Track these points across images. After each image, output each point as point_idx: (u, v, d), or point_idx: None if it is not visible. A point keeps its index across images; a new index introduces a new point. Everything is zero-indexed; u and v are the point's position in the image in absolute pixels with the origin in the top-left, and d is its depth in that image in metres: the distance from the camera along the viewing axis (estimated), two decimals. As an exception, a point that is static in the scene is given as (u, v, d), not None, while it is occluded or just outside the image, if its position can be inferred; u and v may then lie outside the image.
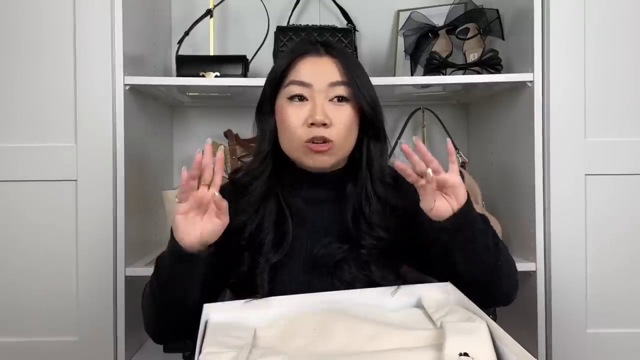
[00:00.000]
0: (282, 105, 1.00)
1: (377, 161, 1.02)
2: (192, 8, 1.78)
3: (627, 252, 1.37)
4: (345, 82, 0.98)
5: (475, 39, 1.54)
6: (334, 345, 0.77)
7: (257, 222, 1.00)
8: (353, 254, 0.99)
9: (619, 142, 1.37)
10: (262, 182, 1.01)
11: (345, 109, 0.98)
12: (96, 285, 1.36)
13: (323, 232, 1.01)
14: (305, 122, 0.96)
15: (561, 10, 1.35)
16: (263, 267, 0.97)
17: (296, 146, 0.98)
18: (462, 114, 1.89)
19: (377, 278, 0.97)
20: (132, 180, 1.42)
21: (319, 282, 0.98)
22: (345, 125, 0.98)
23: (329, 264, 0.98)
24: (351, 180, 1.03)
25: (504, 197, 1.57)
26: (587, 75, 1.36)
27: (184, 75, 1.48)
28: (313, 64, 0.99)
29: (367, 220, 0.99)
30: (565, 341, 1.36)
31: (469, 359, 0.71)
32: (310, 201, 1.04)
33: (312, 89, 0.97)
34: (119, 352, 1.37)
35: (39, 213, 1.36)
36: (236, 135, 1.63)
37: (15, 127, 1.36)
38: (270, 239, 0.99)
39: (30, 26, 1.36)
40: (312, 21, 1.77)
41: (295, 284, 0.98)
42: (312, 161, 0.98)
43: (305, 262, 1.00)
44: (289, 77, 0.99)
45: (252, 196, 1.01)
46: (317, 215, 1.03)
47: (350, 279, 0.97)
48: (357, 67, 1.03)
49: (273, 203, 1.01)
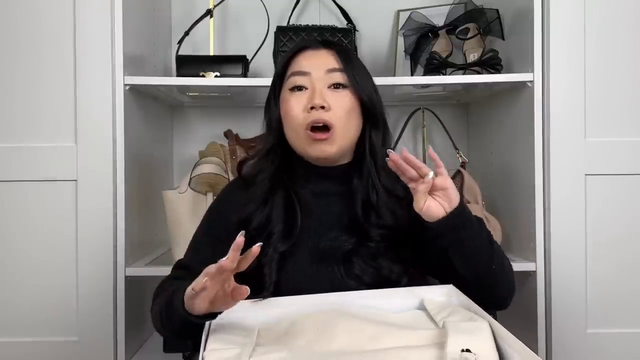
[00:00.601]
0: (284, 97, 1.04)
1: (379, 150, 1.04)
2: (192, 8, 1.78)
3: (627, 252, 1.37)
4: (342, 69, 1.01)
5: (475, 39, 1.54)
6: (336, 345, 0.78)
7: (266, 213, 1.01)
8: (361, 247, 0.99)
9: (619, 142, 1.37)
10: (269, 174, 1.04)
11: (343, 94, 1.01)
12: (96, 285, 1.36)
13: (331, 225, 1.02)
14: (305, 108, 0.99)
15: (561, 10, 1.35)
16: (272, 256, 0.98)
17: (299, 134, 1.00)
18: (462, 114, 1.89)
19: (385, 271, 0.98)
20: (132, 180, 1.42)
21: (326, 274, 0.99)
22: (344, 109, 1.00)
23: (337, 256, 0.99)
24: (357, 174, 1.04)
25: (504, 197, 1.57)
26: (587, 75, 1.36)
27: (184, 75, 1.48)
28: (311, 55, 1.04)
29: (375, 212, 1.01)
30: (565, 341, 1.35)
31: (471, 354, 0.71)
32: (318, 194, 1.05)
33: (311, 77, 1.01)
34: (119, 352, 1.37)
35: (39, 213, 1.36)
36: (236, 135, 1.63)
37: (15, 127, 1.36)
38: (279, 229, 1.00)
39: (30, 26, 1.36)
40: (312, 21, 1.77)
41: (302, 275, 0.99)
42: (314, 150, 1.00)
43: (312, 254, 1.00)
44: (290, 69, 1.04)
45: (260, 187, 1.03)
46: (325, 208, 1.04)
47: (359, 272, 0.98)
48: (355, 60, 1.06)
49: (281, 194, 1.03)
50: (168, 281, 1.04)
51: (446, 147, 1.76)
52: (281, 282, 0.96)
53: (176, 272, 1.06)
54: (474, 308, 0.85)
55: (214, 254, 1.03)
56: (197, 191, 1.42)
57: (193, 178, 1.43)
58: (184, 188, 1.42)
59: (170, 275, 1.07)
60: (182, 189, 1.42)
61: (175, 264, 1.09)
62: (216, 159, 1.51)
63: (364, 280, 0.97)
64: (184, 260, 1.08)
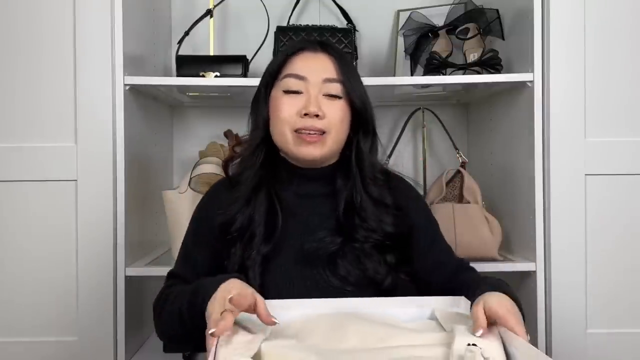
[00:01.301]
0: (276, 96, 1.02)
1: (367, 158, 1.05)
2: (192, 8, 1.78)
3: (627, 252, 1.37)
4: (339, 79, 1.01)
5: (475, 39, 1.54)
6: (347, 345, 0.79)
7: (248, 214, 1.01)
8: (346, 248, 1.00)
9: (619, 142, 1.37)
10: (253, 172, 1.04)
11: (338, 104, 1.01)
12: (96, 285, 1.36)
13: (315, 226, 1.02)
14: (299, 112, 0.99)
15: (561, 10, 1.35)
16: (255, 259, 0.98)
17: (287, 135, 1.00)
18: (462, 114, 1.89)
19: (370, 272, 0.99)
20: (132, 180, 1.42)
21: (311, 275, 0.99)
22: (338, 118, 1.00)
23: (322, 258, 0.99)
24: (342, 176, 1.05)
25: (504, 197, 1.57)
26: (587, 75, 1.36)
27: (184, 75, 1.48)
28: (309, 58, 1.03)
29: (359, 215, 1.01)
30: (565, 341, 1.35)
31: (476, 347, 0.72)
32: (302, 196, 1.05)
33: (307, 82, 1.00)
34: (119, 352, 1.37)
35: (39, 213, 1.36)
36: (236, 135, 1.62)
37: (15, 127, 1.36)
38: (261, 231, 1.00)
39: (30, 26, 1.36)
40: (312, 21, 1.77)
41: (286, 277, 0.99)
42: (300, 151, 1.00)
43: (297, 256, 1.00)
44: (285, 70, 1.02)
45: (244, 186, 1.03)
46: (309, 209, 1.04)
47: (344, 273, 0.99)
48: (350, 66, 1.07)
49: (264, 195, 1.03)
50: (167, 290, 1.03)
51: (446, 147, 1.76)
52: (266, 285, 0.96)
53: (172, 282, 1.05)
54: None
55: (204, 258, 1.05)
56: (197, 191, 1.42)
57: (193, 178, 1.43)
58: (184, 188, 1.42)
59: (167, 284, 1.06)
60: (182, 189, 1.42)
61: (169, 274, 1.09)
62: (216, 159, 1.51)
63: (348, 280, 0.98)
64: (176, 269, 1.08)
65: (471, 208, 1.45)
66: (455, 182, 1.53)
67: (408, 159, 1.87)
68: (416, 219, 1.07)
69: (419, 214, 1.10)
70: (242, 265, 0.99)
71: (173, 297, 0.96)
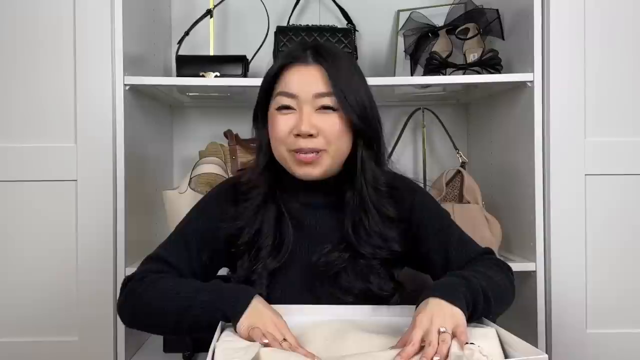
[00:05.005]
0: (272, 114, 1.00)
1: (369, 169, 1.00)
2: (192, 8, 1.78)
3: (627, 252, 1.37)
4: (330, 92, 0.96)
5: (475, 39, 1.54)
6: (345, 352, 0.80)
7: (255, 228, 1.00)
8: (353, 263, 0.99)
9: (619, 142, 1.37)
10: (260, 191, 1.02)
11: (332, 117, 0.96)
12: (96, 285, 1.36)
13: (322, 238, 1.01)
14: (292, 132, 0.96)
15: (561, 10, 1.35)
16: (261, 273, 0.97)
17: (285, 155, 0.98)
18: (462, 114, 1.89)
19: (374, 288, 0.97)
20: (132, 180, 1.42)
21: (316, 289, 0.99)
22: (333, 133, 0.96)
23: (328, 272, 0.98)
24: (349, 187, 1.02)
25: (504, 197, 1.57)
26: (587, 75, 1.36)
27: (184, 75, 1.48)
28: (299, 74, 0.98)
29: (366, 229, 0.99)
30: (565, 341, 1.35)
31: (475, 346, 0.73)
32: (308, 206, 1.04)
33: (298, 99, 0.96)
34: (119, 352, 1.37)
35: (39, 213, 1.36)
36: (236, 135, 1.63)
37: (15, 127, 1.36)
38: (269, 244, 0.99)
39: (30, 26, 1.36)
40: (312, 21, 1.77)
41: (293, 290, 0.99)
42: (298, 172, 0.98)
43: (303, 269, 1.00)
44: (278, 87, 0.99)
45: (252, 203, 1.01)
46: (315, 220, 1.03)
47: (347, 287, 0.98)
48: (347, 74, 0.99)
49: (272, 208, 1.01)
50: (154, 275, 0.96)
51: (446, 147, 1.76)
52: (272, 298, 0.95)
53: (157, 266, 0.99)
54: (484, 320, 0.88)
55: (204, 258, 1.03)
56: (197, 191, 1.42)
57: (193, 178, 1.43)
58: (184, 188, 1.42)
59: (155, 269, 0.99)
60: (182, 189, 1.42)
61: (154, 257, 1.02)
62: (216, 159, 1.51)
63: (353, 294, 0.97)
64: (165, 255, 1.01)
65: (471, 208, 1.45)
66: (455, 182, 1.54)
67: (408, 159, 1.86)
68: (419, 223, 1.04)
69: (422, 216, 1.05)
70: (247, 278, 0.98)
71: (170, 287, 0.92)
